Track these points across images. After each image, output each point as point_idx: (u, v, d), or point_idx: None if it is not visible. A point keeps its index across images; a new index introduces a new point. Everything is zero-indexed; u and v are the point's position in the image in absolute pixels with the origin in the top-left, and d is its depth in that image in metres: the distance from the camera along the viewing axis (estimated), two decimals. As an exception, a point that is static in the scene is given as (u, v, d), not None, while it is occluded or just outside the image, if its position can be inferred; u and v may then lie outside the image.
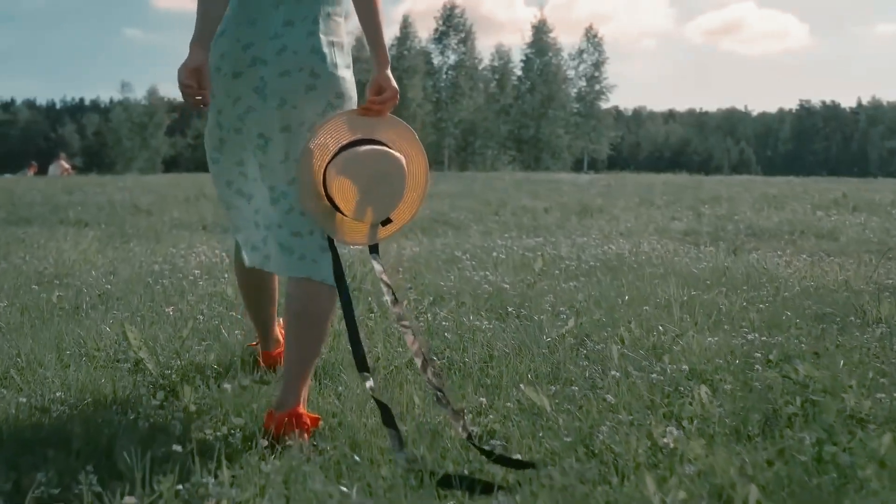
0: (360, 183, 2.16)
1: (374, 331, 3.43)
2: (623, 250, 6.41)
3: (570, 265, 5.50)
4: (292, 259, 2.26)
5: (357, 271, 4.65)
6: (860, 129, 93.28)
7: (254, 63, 2.23)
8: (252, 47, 2.23)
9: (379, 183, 2.18)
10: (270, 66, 2.22)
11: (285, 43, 2.23)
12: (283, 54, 2.22)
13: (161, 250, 6.80)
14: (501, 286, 4.40)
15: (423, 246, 6.92)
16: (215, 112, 2.31)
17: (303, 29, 2.24)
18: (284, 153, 2.27)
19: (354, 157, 2.17)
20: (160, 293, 4.29)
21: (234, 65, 2.24)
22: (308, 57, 2.23)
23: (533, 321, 3.45)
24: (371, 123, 2.27)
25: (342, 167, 2.16)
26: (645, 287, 4.51)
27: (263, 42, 2.23)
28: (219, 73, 2.25)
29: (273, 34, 2.23)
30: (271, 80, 2.22)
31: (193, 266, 5.37)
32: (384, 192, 2.20)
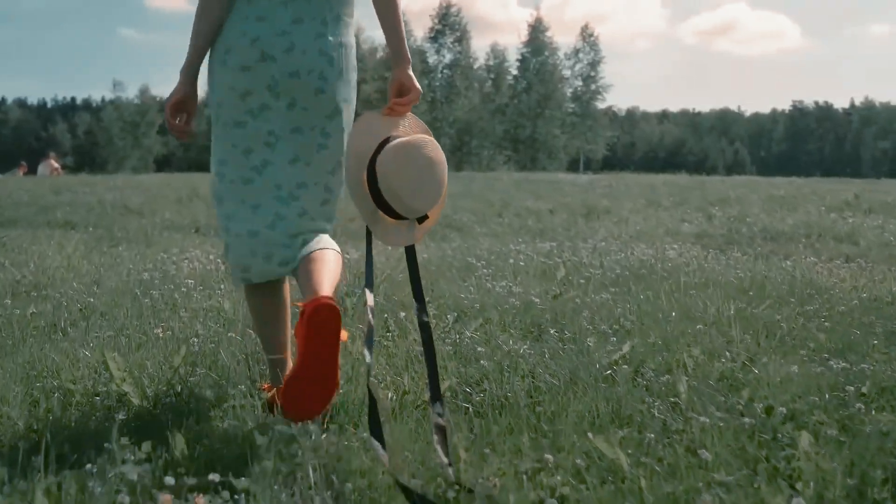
0: (413, 173, 2.14)
1: (394, 354, 2.99)
2: (646, 256, 5.99)
3: (594, 273, 5.07)
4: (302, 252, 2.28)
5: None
6: (853, 130, 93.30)
7: (263, 59, 2.20)
8: (259, 41, 2.20)
9: (429, 173, 2.17)
10: (279, 64, 2.20)
11: (293, 41, 2.21)
12: (291, 53, 2.20)
13: (151, 255, 6.35)
14: (529, 299, 3.97)
15: (430, 251, 6.48)
16: (215, 105, 2.28)
17: (311, 28, 2.23)
18: (294, 155, 2.27)
19: (406, 148, 2.14)
20: (149, 307, 3.84)
21: (241, 58, 2.21)
22: (317, 59, 2.22)
23: (577, 343, 3.01)
24: (396, 123, 2.25)
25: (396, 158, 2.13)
26: (685, 300, 4.09)
27: (271, 38, 2.20)
28: (224, 67, 2.23)
29: (281, 31, 2.21)
30: (282, 79, 2.21)
31: (186, 274, 4.93)
32: (433, 184, 2.19)
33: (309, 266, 2.22)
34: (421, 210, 2.20)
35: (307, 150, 2.28)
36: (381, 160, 2.14)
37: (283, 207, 2.28)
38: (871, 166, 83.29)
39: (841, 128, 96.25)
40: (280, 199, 2.28)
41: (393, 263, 5.00)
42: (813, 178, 25.07)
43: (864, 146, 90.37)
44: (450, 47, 50.81)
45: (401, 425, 2.24)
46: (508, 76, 52.68)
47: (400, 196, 2.14)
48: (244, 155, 2.27)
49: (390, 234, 2.25)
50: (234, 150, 2.28)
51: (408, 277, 4.16)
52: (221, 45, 2.24)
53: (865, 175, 62.93)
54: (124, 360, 2.75)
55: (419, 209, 2.19)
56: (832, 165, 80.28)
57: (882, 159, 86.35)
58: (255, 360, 2.84)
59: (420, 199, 2.18)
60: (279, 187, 2.27)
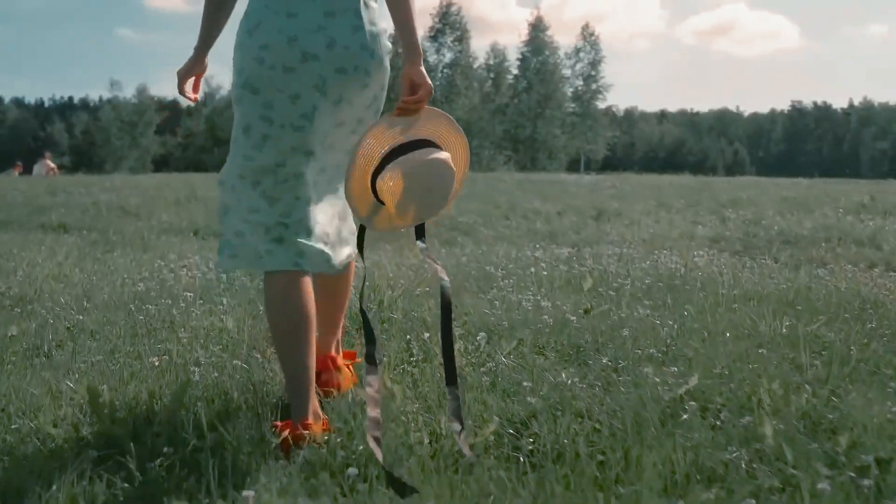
0: (414, 196, 2.12)
1: (419, 381, 2.64)
2: (674, 264, 5.63)
3: (622, 284, 4.72)
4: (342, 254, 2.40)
5: (385, 295, 3.86)
6: (852, 130, 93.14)
7: (305, 59, 2.16)
8: (298, 41, 2.16)
9: (431, 190, 2.14)
10: (324, 62, 2.17)
11: (332, 36, 2.18)
12: (333, 49, 2.18)
13: (148, 262, 5.99)
14: (561, 315, 3.62)
15: (442, 258, 6.12)
16: (260, 106, 2.19)
17: (346, 21, 2.20)
18: (331, 143, 2.30)
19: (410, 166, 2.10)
20: (144, 324, 3.48)
21: (282, 57, 2.16)
22: (360, 54, 2.21)
23: (631, 373, 2.65)
24: (409, 122, 2.19)
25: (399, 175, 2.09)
26: (730, 315, 3.74)
27: (308, 35, 2.16)
28: (262, 65, 2.17)
29: (316, 27, 2.17)
30: (329, 76, 2.18)
31: (184, 285, 4.57)
32: (435, 197, 2.17)
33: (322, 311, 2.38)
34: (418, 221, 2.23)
35: (344, 139, 2.33)
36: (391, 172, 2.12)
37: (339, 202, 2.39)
38: (869, 167, 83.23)
39: (840, 128, 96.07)
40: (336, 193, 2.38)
41: (408, 274, 4.64)
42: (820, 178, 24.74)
43: (863, 146, 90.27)
44: (450, 46, 50.44)
45: (439, 477, 1.89)
46: (509, 76, 52.32)
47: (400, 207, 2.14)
48: (306, 157, 2.24)
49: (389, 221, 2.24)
50: (294, 152, 2.23)
51: (428, 291, 3.79)
52: (255, 43, 2.18)
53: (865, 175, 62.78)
54: (114, 392, 2.40)
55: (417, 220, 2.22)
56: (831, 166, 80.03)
57: (881, 159, 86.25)
58: (265, 393, 2.48)
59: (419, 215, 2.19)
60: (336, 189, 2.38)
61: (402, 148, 2.15)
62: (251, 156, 2.22)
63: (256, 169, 2.22)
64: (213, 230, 10.46)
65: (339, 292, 2.55)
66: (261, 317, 3.63)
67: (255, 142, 2.22)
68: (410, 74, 2.17)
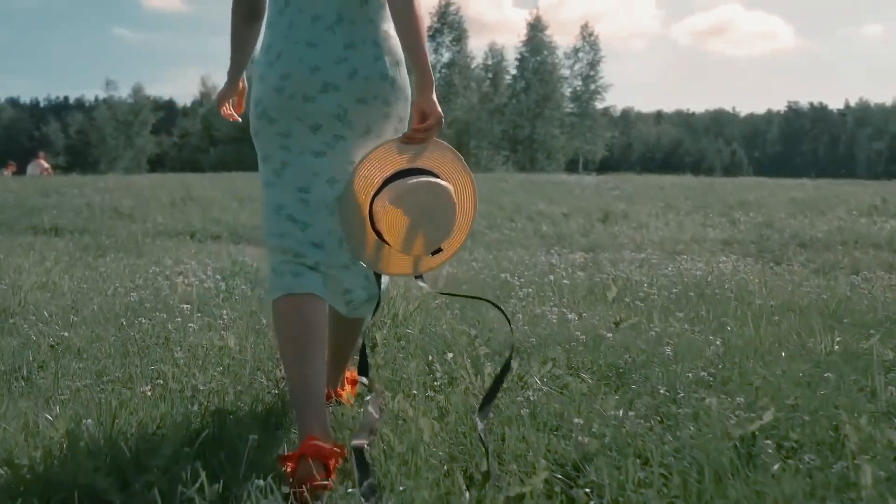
0: (410, 216, 2.07)
1: (445, 408, 2.34)
2: (698, 270, 5.33)
3: (649, 293, 4.42)
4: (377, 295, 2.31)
5: (399, 308, 3.55)
6: (848, 131, 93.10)
7: (325, 89, 2.15)
8: (320, 71, 2.14)
9: (429, 216, 2.09)
10: (344, 92, 2.16)
11: (354, 67, 2.16)
12: (354, 79, 2.16)
13: (141, 268, 5.68)
14: (592, 330, 3.32)
15: (452, 263, 5.82)
16: (277, 136, 2.18)
17: (366, 52, 2.18)
18: None
19: (403, 190, 2.06)
20: (136, 342, 3.17)
21: (303, 88, 2.14)
22: (379, 84, 2.19)
23: (690, 404, 2.34)
24: (416, 151, 2.15)
25: (391, 200, 2.06)
26: (775, 330, 3.44)
27: (330, 66, 2.15)
28: (281, 95, 2.15)
29: (337, 58, 2.15)
30: (350, 107, 2.17)
31: (181, 296, 4.26)
32: (434, 225, 2.12)
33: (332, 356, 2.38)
34: (417, 254, 2.16)
35: None
36: (377, 201, 2.09)
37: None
38: (865, 167, 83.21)
39: (836, 128, 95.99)
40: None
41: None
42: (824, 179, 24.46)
43: (859, 147, 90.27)
44: (448, 46, 50.06)
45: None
46: (507, 76, 51.96)
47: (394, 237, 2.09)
48: (329, 185, 2.19)
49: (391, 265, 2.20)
50: (316, 178, 2.19)
51: (445, 303, 3.48)
52: (276, 72, 2.16)
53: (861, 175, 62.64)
54: (100, 427, 2.09)
55: (412, 251, 2.14)
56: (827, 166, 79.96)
57: (877, 160, 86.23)
58: (274, 425, 2.17)
59: (412, 247, 2.12)
60: None
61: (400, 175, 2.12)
62: (272, 182, 2.21)
63: (278, 194, 2.20)
64: (209, 232, 10.16)
65: (353, 328, 2.45)
66: (264, 332, 3.32)
67: (274, 168, 2.20)
68: (421, 104, 2.11)
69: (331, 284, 2.21)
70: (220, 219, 11.04)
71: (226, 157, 51.04)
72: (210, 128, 58.33)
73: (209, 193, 14.62)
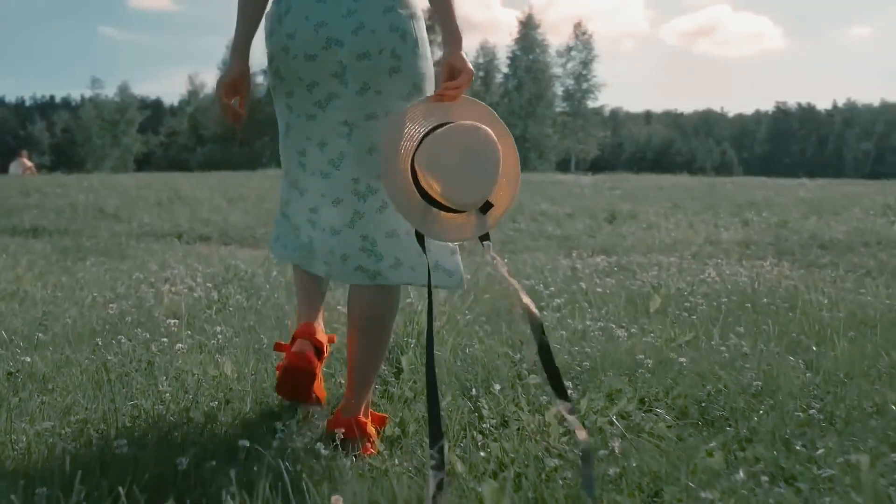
0: (452, 163, 1.93)
1: (503, 463, 1.83)
2: (740, 277, 4.84)
3: (695, 303, 3.93)
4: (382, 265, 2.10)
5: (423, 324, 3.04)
6: (835, 131, 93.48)
7: (328, 45, 2.04)
8: (325, 27, 2.04)
9: (472, 161, 1.94)
10: (347, 48, 2.04)
11: (361, 20, 2.03)
12: (359, 33, 2.03)
13: (124, 274, 5.15)
14: (654, 351, 2.82)
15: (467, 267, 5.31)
16: (283, 95, 2.13)
17: (378, 3, 2.05)
18: (371, 143, 2.09)
19: (441, 138, 1.95)
20: (114, 368, 2.65)
21: (306, 45, 2.05)
22: (388, 37, 2.05)
23: (826, 460, 1.84)
24: (446, 109, 2.05)
25: (430, 151, 1.94)
26: (853, 347, 2.96)
27: (337, 20, 2.03)
28: (287, 55, 2.07)
29: (346, 11, 2.04)
30: (350, 63, 2.04)
31: (167, 307, 3.74)
32: (480, 171, 1.95)
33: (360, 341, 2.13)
34: (470, 202, 1.97)
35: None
36: (417, 155, 1.97)
37: (361, 203, 2.11)
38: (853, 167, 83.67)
39: (824, 129, 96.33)
40: (358, 193, 2.12)
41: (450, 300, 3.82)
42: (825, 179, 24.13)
43: (847, 147, 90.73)
44: (439, 44, 49.44)
45: None
46: (499, 74, 51.48)
47: (441, 190, 1.93)
48: (319, 148, 2.12)
49: (449, 230, 2.02)
50: (309, 142, 2.14)
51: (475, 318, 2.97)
52: (283, 31, 2.07)
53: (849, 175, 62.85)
54: (62, 493, 1.58)
55: (466, 201, 1.97)
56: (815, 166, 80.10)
57: (864, 160, 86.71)
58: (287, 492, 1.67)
59: (464, 191, 1.95)
60: (357, 181, 2.12)
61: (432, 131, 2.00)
62: (282, 143, 2.20)
63: (284, 157, 2.20)
64: (198, 233, 9.62)
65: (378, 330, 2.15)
66: (266, 354, 2.81)
67: (282, 129, 2.18)
68: (451, 60, 2.07)
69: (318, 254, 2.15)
70: (209, 219, 10.50)
71: (214, 156, 50.45)
72: (198, 127, 57.66)
73: (197, 193, 14.07)
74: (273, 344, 3.01)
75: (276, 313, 3.67)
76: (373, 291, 2.12)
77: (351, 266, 2.11)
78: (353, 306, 2.15)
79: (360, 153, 2.08)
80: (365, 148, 2.08)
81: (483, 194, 1.96)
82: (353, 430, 2.06)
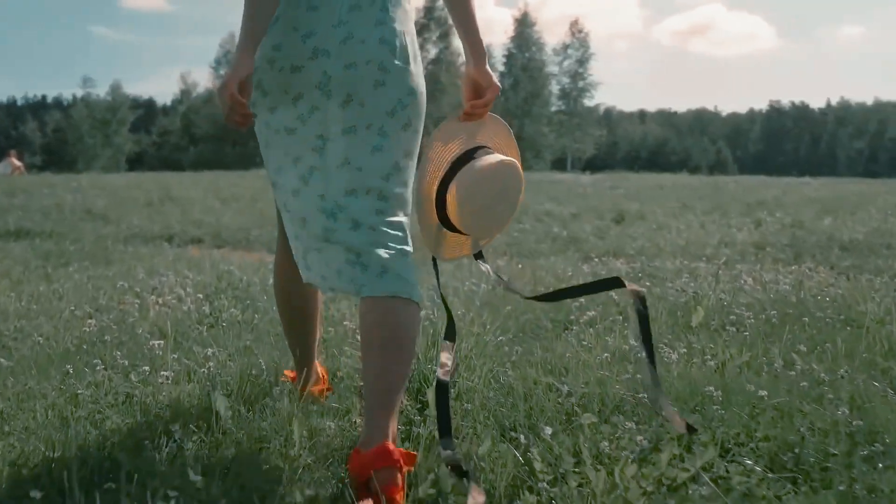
0: (484, 200, 1.97)
1: None
2: (780, 284, 4.44)
3: (742, 315, 3.53)
4: (368, 275, 1.91)
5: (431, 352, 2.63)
6: (829, 130, 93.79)
7: (315, 55, 1.93)
8: (313, 37, 1.94)
9: (501, 198, 2.01)
10: (334, 58, 1.93)
11: (351, 30, 1.94)
12: (347, 43, 1.94)
13: (108, 282, 4.73)
14: (720, 381, 2.42)
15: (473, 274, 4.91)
16: (267, 110, 1.99)
17: (370, 15, 1.96)
18: (344, 157, 1.96)
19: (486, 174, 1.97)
20: (85, 403, 2.23)
21: (292, 57, 1.94)
22: (377, 49, 1.94)
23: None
24: (472, 129, 2.06)
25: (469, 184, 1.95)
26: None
27: (326, 30, 1.94)
28: (272, 67, 1.96)
29: (337, 21, 1.94)
30: (335, 73, 1.93)
31: (152, 322, 3.32)
32: (503, 207, 2.03)
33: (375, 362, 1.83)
34: (489, 234, 2.09)
35: (360, 152, 1.96)
36: (458, 181, 1.96)
37: (330, 221, 1.95)
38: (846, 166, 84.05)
39: (817, 127, 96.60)
40: (325, 210, 1.96)
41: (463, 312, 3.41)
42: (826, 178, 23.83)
43: (840, 146, 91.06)
44: (435, 42, 49.07)
45: None
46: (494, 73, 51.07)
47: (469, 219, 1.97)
48: (294, 164, 2.00)
49: (452, 249, 2.10)
50: (286, 157, 2.01)
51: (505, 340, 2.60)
52: (269, 42, 1.95)
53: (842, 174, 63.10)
54: None
55: (487, 233, 2.08)
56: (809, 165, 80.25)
57: (857, 159, 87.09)
58: None
59: (490, 226, 2.05)
60: (322, 197, 1.97)
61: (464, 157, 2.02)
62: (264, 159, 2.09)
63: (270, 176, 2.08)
64: (189, 235, 9.20)
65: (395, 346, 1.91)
66: (263, 389, 2.40)
67: (262, 147, 2.08)
68: (475, 76, 2.05)
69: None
70: (202, 220, 10.08)
71: (206, 155, 50.01)
72: (190, 126, 57.20)
73: (189, 193, 13.64)
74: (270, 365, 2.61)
75: (274, 329, 3.27)
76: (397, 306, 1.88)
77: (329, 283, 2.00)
78: (373, 327, 1.88)
79: (331, 168, 1.95)
80: (337, 163, 1.94)
81: (500, 228, 2.06)
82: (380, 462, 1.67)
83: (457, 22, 2.07)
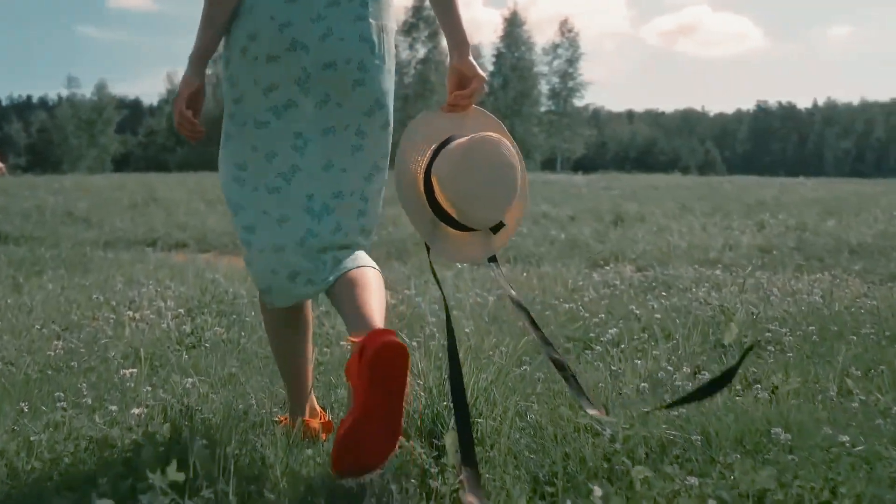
0: (472, 179, 1.83)
1: None
2: (811, 295, 4.13)
3: (778, 333, 3.23)
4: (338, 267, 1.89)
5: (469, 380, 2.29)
6: (816, 130, 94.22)
7: (293, 47, 1.87)
8: (290, 27, 1.87)
9: (494, 178, 1.85)
10: (313, 55, 1.88)
11: (330, 26, 1.89)
12: (326, 40, 1.89)
13: (82, 295, 4.37)
14: (779, 416, 2.10)
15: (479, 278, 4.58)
16: (232, 101, 1.93)
17: (349, 11, 1.91)
18: (327, 159, 1.93)
19: (463, 151, 1.84)
20: (39, 449, 1.88)
21: (268, 46, 1.87)
22: (357, 47, 1.91)
23: None
24: (458, 120, 1.99)
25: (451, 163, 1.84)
26: None
27: (304, 24, 1.87)
28: (244, 56, 1.89)
29: (316, 15, 1.88)
30: (315, 71, 1.89)
31: (127, 344, 2.98)
32: (500, 188, 1.87)
33: (352, 291, 1.85)
34: (486, 220, 1.89)
35: (341, 153, 1.95)
36: (436, 166, 1.87)
37: (314, 223, 1.92)
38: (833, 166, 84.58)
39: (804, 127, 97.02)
40: (311, 212, 1.92)
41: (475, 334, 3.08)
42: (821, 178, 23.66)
43: (827, 146, 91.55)
44: (424, 42, 48.70)
45: None
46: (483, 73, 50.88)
47: (458, 205, 1.85)
48: (267, 159, 1.91)
49: (457, 249, 1.95)
50: (255, 153, 1.92)
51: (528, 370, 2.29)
52: (242, 31, 1.88)
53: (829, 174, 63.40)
54: None
55: (484, 219, 1.89)
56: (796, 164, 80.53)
57: (844, 159, 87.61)
58: None
59: (483, 208, 1.86)
60: (311, 198, 1.92)
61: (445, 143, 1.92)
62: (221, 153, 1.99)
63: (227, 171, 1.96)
64: (173, 239, 8.84)
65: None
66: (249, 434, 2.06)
67: (223, 140, 1.97)
68: (460, 67, 2.00)
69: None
70: (187, 223, 9.72)
71: (193, 156, 49.50)
72: (177, 126, 56.70)
73: (174, 195, 13.26)
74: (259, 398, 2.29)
75: (263, 349, 2.93)
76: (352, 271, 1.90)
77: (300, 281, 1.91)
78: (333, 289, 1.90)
79: (315, 169, 1.91)
80: (321, 164, 1.91)
81: (498, 213, 1.89)
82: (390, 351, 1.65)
83: (439, 13, 2.02)
